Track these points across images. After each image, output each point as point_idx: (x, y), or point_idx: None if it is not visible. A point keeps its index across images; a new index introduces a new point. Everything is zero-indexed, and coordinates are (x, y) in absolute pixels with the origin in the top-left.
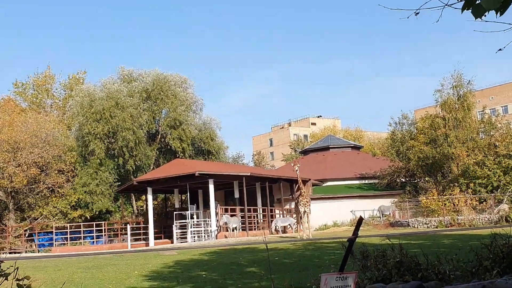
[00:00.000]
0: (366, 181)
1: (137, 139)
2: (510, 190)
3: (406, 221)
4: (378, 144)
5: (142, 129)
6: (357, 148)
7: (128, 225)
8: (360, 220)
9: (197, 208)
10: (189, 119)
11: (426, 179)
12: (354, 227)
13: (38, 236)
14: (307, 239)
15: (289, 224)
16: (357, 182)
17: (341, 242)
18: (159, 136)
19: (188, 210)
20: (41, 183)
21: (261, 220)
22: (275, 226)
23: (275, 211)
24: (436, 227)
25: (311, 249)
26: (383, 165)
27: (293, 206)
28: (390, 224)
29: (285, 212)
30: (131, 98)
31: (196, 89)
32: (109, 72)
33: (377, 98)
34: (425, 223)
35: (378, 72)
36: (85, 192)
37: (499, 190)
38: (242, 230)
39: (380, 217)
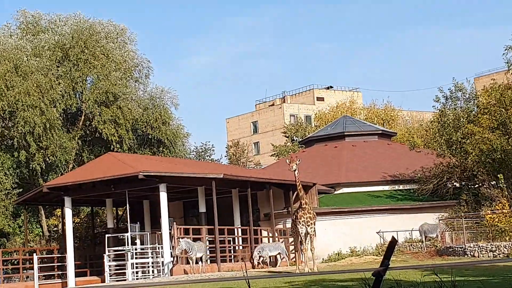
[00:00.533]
0: (401, 187)
1: (48, 122)
2: None
3: (461, 247)
4: (419, 130)
5: (55, 106)
6: (387, 136)
7: (35, 254)
8: (392, 244)
9: (142, 228)
10: (129, 92)
11: (492, 183)
12: (382, 256)
13: None
14: (310, 273)
15: (279, 253)
16: (387, 188)
17: (363, 278)
18: (83, 117)
19: (127, 232)
20: None
21: (240, 247)
22: (260, 256)
23: (261, 233)
24: (507, 256)
25: None
26: (426, 162)
27: (289, 225)
28: (437, 251)
29: (276, 235)
30: (39, 59)
31: (140, 45)
32: (3, 19)
33: (416, 60)
34: (491, 250)
35: (417, 21)
36: None
37: None
38: (211, 261)
39: (423, 241)
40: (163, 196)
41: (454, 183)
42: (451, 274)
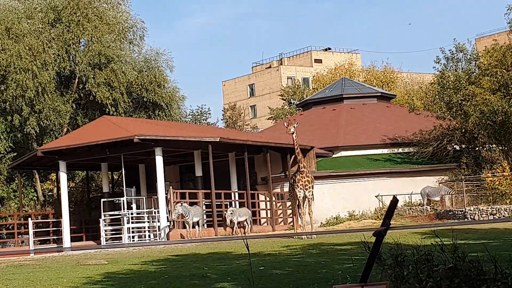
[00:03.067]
0: (400, 150)
1: (41, 86)
2: None
3: (461, 210)
4: (419, 93)
5: (48, 70)
6: (386, 98)
7: (30, 219)
8: (393, 203)
9: (138, 192)
10: (123, 54)
11: (493, 146)
12: (381, 220)
13: None
14: (309, 236)
15: (246, 219)
16: (386, 151)
17: (363, 241)
18: (77, 80)
19: (123, 196)
20: None
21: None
22: (230, 221)
23: (258, 197)
24: (509, 219)
25: (314, 254)
26: (426, 125)
27: (286, 189)
28: (437, 215)
29: (274, 199)
30: (31, 22)
31: (135, 6)
32: None
33: (417, 21)
34: (491, 213)
35: None
36: None
37: None
38: (208, 226)
39: (423, 205)
40: (159, 160)
41: (454, 146)
42: (452, 236)
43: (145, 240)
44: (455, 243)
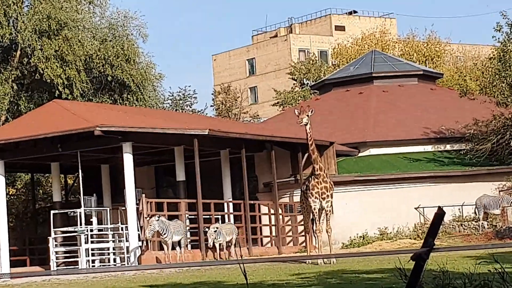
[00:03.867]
0: (448, 147)
1: None
2: None
3: None
4: (474, 71)
5: None
6: (430, 78)
7: None
8: (438, 217)
9: (100, 203)
10: (80, 18)
11: None
12: (422, 240)
13: None
14: (326, 260)
15: (232, 239)
16: (429, 148)
17: (398, 268)
18: (19, 53)
19: (80, 208)
20: None
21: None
22: (213, 240)
23: (259, 209)
24: None
25: (334, 285)
26: (483, 114)
27: (297, 198)
28: (497, 233)
29: (280, 211)
30: None
31: None
32: None
33: None
34: None
35: None
36: None
37: None
38: (193, 247)
39: (478, 219)
40: (128, 159)
41: None
42: None
43: (109, 265)
44: None
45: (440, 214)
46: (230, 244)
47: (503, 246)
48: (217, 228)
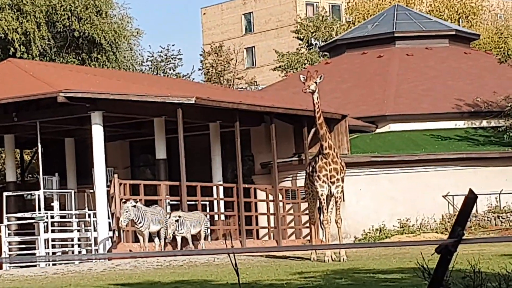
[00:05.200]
0: (485, 123)
1: None
2: None
3: None
4: None
5: None
6: (464, 39)
7: None
8: (469, 202)
9: (63, 184)
10: None
11: None
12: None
13: None
14: (335, 255)
15: (201, 231)
16: (461, 124)
17: (420, 266)
18: None
19: (39, 190)
20: None
21: (222, 216)
22: (175, 234)
23: (256, 194)
24: None
25: (343, 287)
26: None
27: (301, 182)
28: None
29: (280, 197)
30: None
31: None
32: None
33: None
34: None
35: None
36: None
37: None
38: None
39: None
40: (98, 132)
41: None
42: None
43: (73, 259)
44: None
45: (471, 198)
46: (198, 238)
47: None
48: (179, 217)
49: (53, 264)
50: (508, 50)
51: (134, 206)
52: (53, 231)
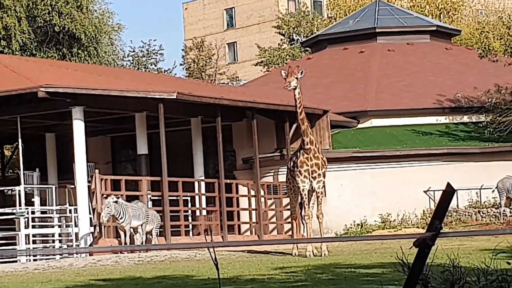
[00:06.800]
0: (466, 118)
1: None
2: None
3: None
4: (498, 27)
5: None
6: (446, 35)
7: None
8: (447, 196)
9: (44, 179)
10: None
11: None
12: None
13: None
14: (317, 250)
15: (142, 225)
16: (443, 120)
17: (400, 262)
18: None
19: (19, 185)
20: None
21: (204, 212)
22: (107, 216)
23: (237, 190)
24: None
25: (324, 281)
26: (507, 79)
27: (282, 178)
28: None
29: (262, 193)
30: None
31: None
32: None
33: None
34: None
35: None
36: None
37: None
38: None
39: (499, 205)
40: (79, 128)
41: None
42: None
43: (53, 255)
44: None
45: (449, 192)
46: (150, 236)
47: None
48: (109, 204)
49: (34, 260)
50: (489, 46)
51: (116, 201)
52: (33, 227)
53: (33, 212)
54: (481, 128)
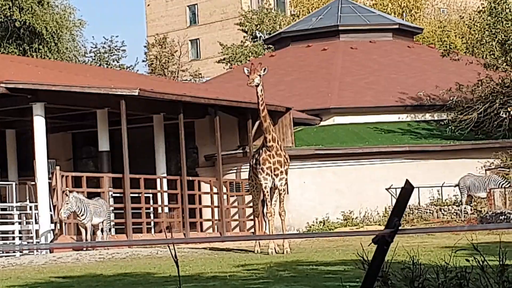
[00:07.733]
0: (428, 116)
1: None
2: None
3: None
4: (459, 26)
5: None
6: (407, 33)
7: None
8: (406, 192)
9: (3, 175)
10: None
11: None
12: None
13: None
14: (279, 247)
15: (103, 222)
16: (404, 117)
17: (360, 257)
18: None
19: None
20: None
21: (166, 209)
22: (67, 212)
23: (200, 187)
24: None
25: (286, 279)
26: (468, 77)
27: (245, 175)
28: (481, 219)
29: (225, 190)
30: None
31: None
32: None
33: None
34: None
35: None
36: None
37: None
38: (118, 232)
39: (460, 203)
40: (40, 124)
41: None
42: (500, 252)
43: (13, 254)
44: (503, 262)
45: (407, 189)
46: (98, 228)
47: (483, 229)
48: (69, 202)
49: None
50: (451, 44)
51: (76, 198)
52: None
53: None
54: (443, 126)
